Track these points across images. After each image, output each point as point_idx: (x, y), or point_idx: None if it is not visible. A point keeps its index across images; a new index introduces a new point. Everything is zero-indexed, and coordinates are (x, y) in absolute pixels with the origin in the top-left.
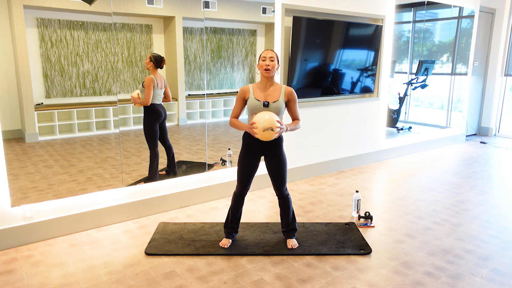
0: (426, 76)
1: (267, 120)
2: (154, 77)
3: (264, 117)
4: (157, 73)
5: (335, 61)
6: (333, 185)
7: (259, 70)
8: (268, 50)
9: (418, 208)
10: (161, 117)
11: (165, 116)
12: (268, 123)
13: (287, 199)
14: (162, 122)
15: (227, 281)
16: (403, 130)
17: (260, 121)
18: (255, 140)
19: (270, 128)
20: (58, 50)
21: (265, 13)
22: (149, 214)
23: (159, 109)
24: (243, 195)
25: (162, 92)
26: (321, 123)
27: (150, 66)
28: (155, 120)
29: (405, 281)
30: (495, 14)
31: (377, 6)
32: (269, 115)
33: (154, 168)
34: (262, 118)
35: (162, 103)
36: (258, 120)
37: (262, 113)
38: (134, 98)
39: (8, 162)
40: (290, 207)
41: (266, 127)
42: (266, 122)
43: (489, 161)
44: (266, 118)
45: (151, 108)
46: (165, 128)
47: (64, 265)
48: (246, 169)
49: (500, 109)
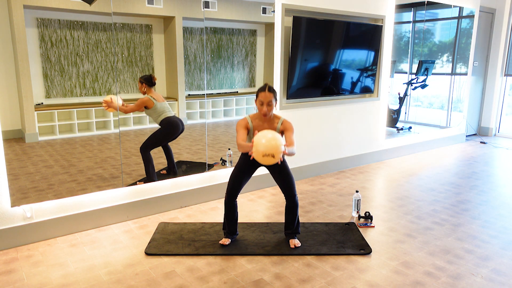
0: (426, 76)
1: (270, 141)
2: (150, 97)
3: (267, 136)
4: (152, 91)
5: (335, 61)
6: (333, 185)
7: (257, 107)
8: (265, 92)
9: (418, 208)
10: (179, 129)
11: (183, 129)
12: (269, 149)
13: (296, 205)
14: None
15: (227, 281)
16: (403, 130)
17: (260, 143)
18: (252, 161)
19: (271, 155)
20: (58, 50)
21: (265, 13)
22: (149, 214)
23: (175, 121)
24: (233, 201)
25: (166, 104)
26: (321, 123)
27: (144, 88)
28: (170, 134)
29: (405, 281)
30: (495, 14)
31: (377, 6)
32: (272, 134)
33: (151, 171)
34: (264, 137)
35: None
36: (258, 141)
37: (265, 133)
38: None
39: (8, 162)
40: (297, 213)
41: (267, 153)
42: (268, 145)
43: (489, 161)
44: (269, 138)
45: (166, 121)
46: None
47: (64, 265)
48: (241, 175)
49: (500, 109)
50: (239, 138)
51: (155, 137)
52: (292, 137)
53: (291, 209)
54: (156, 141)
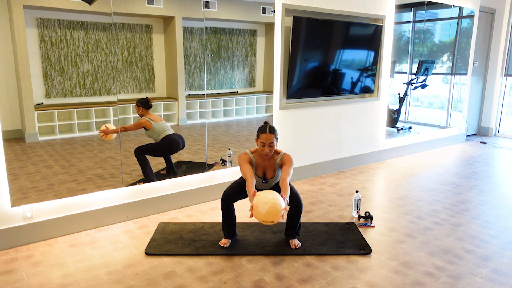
0: (426, 76)
1: (269, 211)
2: (147, 118)
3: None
4: (149, 113)
5: (335, 61)
6: (333, 185)
7: (258, 147)
8: (267, 134)
9: (418, 208)
10: (179, 147)
11: (183, 146)
12: (269, 217)
13: (300, 212)
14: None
15: (227, 281)
16: (403, 130)
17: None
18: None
19: (270, 221)
20: (58, 50)
21: (265, 13)
22: (149, 214)
23: (176, 138)
24: (229, 206)
25: (164, 124)
26: (321, 123)
27: (141, 111)
28: (169, 151)
29: (405, 281)
30: (495, 14)
31: (377, 6)
32: (272, 198)
33: (148, 172)
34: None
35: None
36: (258, 204)
37: (265, 198)
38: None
39: (8, 162)
40: (299, 218)
41: (266, 220)
42: (268, 214)
43: (489, 161)
44: (269, 207)
45: (167, 139)
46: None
47: (64, 265)
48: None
49: (500, 109)
50: (248, 174)
51: (154, 148)
52: (290, 170)
53: (294, 215)
54: (154, 152)
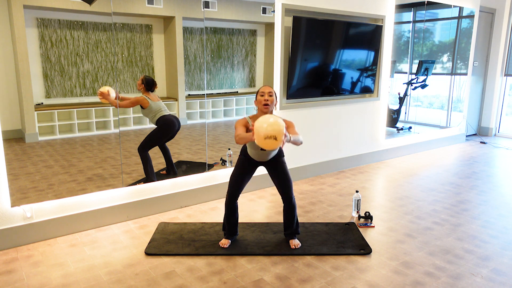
0: (426, 76)
1: (271, 125)
2: (145, 97)
3: (268, 120)
4: (149, 93)
5: (335, 61)
6: (333, 185)
7: (257, 106)
8: (266, 86)
9: (418, 208)
10: (175, 128)
11: (179, 127)
12: (271, 130)
13: (293, 207)
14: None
15: (227, 281)
16: (403, 130)
17: (262, 126)
18: (252, 159)
19: (273, 137)
20: (58, 50)
21: (265, 13)
22: (149, 214)
23: (171, 119)
24: (234, 202)
25: (161, 104)
26: (321, 123)
27: (141, 88)
28: (166, 132)
29: (405, 281)
30: (495, 14)
31: (377, 6)
32: (274, 118)
33: (149, 171)
34: (266, 122)
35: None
36: (259, 124)
37: (266, 117)
38: (103, 93)
39: (8, 162)
40: (295, 215)
41: (269, 135)
42: (270, 128)
43: (489, 161)
44: (270, 122)
45: (162, 120)
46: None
47: (64, 265)
48: (241, 176)
49: (500, 109)
50: (238, 132)
51: (152, 137)
52: (295, 130)
53: (289, 212)
54: (153, 140)
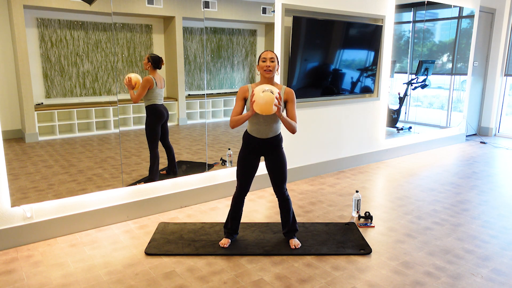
0: (426, 76)
1: (268, 86)
2: (152, 77)
3: (264, 87)
4: (156, 73)
5: (335, 61)
6: (333, 185)
7: (259, 71)
8: (268, 51)
9: (418, 208)
10: (163, 118)
11: (167, 117)
12: (268, 88)
13: (287, 201)
14: (164, 123)
15: (227, 281)
16: (403, 130)
17: (261, 88)
18: (255, 139)
19: (269, 90)
20: (58, 50)
21: (265, 13)
22: (149, 214)
23: (161, 109)
24: (243, 197)
25: (162, 91)
26: (321, 123)
27: (148, 66)
28: (157, 121)
29: (405, 281)
30: (495, 14)
31: (377, 6)
32: (269, 86)
33: (155, 170)
34: (261, 88)
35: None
36: (259, 89)
37: (262, 86)
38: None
39: (8, 162)
40: (291, 209)
41: (265, 89)
42: (267, 87)
43: (489, 161)
44: (266, 89)
45: (152, 108)
46: (166, 129)
47: (64, 265)
48: (246, 169)
49: (500, 109)
50: (232, 114)
51: (149, 126)
52: (294, 111)
53: (284, 206)
54: (152, 128)
